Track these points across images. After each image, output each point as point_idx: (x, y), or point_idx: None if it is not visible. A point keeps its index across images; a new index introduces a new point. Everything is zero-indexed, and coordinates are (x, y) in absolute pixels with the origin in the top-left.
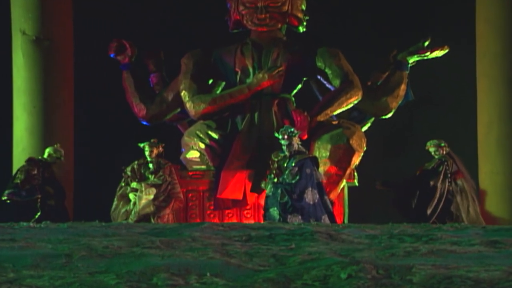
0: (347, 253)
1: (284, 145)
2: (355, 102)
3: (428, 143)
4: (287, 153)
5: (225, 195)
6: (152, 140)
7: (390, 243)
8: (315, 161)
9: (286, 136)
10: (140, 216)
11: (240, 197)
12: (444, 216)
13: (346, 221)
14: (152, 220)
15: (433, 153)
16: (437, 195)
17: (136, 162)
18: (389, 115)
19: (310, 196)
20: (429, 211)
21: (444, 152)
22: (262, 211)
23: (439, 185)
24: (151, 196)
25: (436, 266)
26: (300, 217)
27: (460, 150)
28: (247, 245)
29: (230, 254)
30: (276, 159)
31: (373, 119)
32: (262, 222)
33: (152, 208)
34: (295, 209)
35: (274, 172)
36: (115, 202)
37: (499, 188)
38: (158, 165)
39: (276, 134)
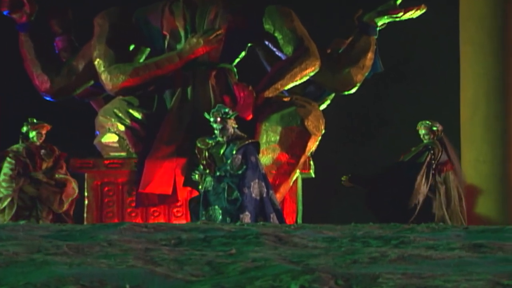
0: (299, 260)
1: (216, 129)
2: (312, 74)
3: (419, 124)
4: (221, 139)
5: (150, 189)
6: (33, 120)
7: (352, 248)
8: (257, 147)
9: (219, 119)
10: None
11: (169, 191)
12: (423, 217)
13: (299, 220)
14: (68, 220)
15: (422, 137)
16: (417, 192)
17: (28, 146)
18: (353, 90)
19: (257, 189)
20: (406, 211)
21: (435, 138)
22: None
23: (419, 179)
24: (76, 191)
25: (408, 275)
26: (249, 215)
27: None
28: (176, 250)
29: (155, 261)
30: (204, 147)
31: (333, 95)
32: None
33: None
34: (245, 206)
35: (204, 163)
36: (2, 196)
37: (484, 180)
38: (55, 152)
39: (207, 116)
